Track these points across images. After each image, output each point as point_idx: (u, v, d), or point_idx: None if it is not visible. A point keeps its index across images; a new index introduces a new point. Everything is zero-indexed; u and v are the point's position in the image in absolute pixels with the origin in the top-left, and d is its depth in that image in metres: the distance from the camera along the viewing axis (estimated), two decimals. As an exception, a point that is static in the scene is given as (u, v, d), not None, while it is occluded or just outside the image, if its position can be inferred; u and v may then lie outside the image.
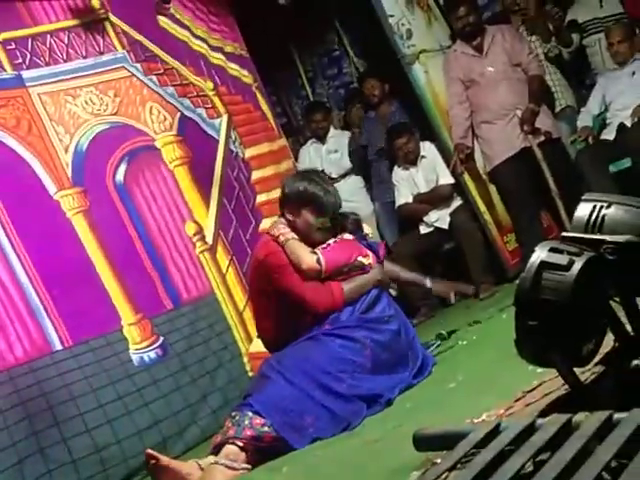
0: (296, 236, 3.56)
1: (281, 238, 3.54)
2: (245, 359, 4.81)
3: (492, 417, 2.41)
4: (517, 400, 2.49)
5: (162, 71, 5.10)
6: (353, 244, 3.69)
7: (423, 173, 5.71)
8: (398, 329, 3.52)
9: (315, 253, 3.53)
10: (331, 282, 3.52)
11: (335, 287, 3.51)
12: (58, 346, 3.99)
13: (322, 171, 3.83)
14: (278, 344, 3.55)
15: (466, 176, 5.51)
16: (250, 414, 3.12)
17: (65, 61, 4.70)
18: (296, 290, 3.49)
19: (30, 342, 3.88)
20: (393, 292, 4.52)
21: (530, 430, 1.86)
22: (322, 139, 6.23)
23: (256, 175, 5.39)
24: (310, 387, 3.23)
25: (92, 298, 4.19)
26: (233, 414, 3.18)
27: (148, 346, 4.36)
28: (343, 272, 3.56)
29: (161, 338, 4.42)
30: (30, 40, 4.61)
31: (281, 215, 3.70)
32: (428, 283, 4.08)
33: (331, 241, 3.63)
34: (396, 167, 5.78)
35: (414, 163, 5.70)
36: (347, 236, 3.71)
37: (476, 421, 2.42)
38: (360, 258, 3.62)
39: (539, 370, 2.51)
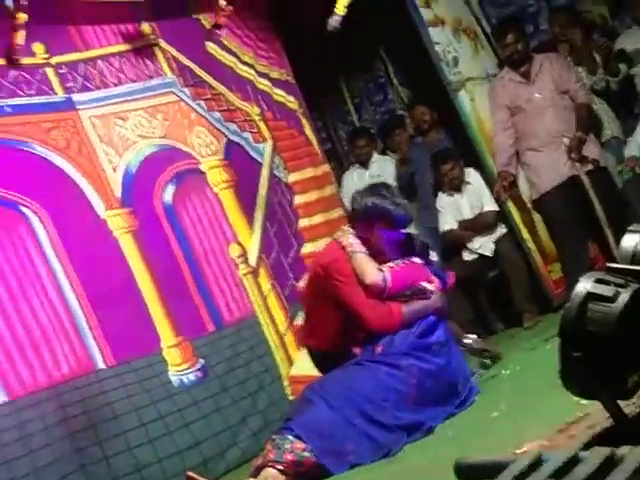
0: (364, 250, 3.57)
1: (349, 249, 3.56)
2: (285, 382, 4.83)
3: (534, 448, 2.38)
4: (560, 431, 2.47)
5: (210, 96, 5.20)
6: (421, 268, 3.70)
7: (468, 200, 5.70)
8: (448, 360, 3.51)
9: (382, 270, 3.53)
10: (391, 302, 3.51)
11: (395, 308, 3.51)
12: (101, 365, 4.06)
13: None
14: (326, 355, 3.59)
15: (510, 204, 5.48)
16: (291, 438, 3.14)
17: (115, 85, 4.82)
18: (355, 304, 3.49)
19: (75, 360, 3.95)
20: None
21: (573, 462, 1.84)
22: (365, 164, 6.26)
23: (299, 200, 5.44)
24: (352, 414, 3.24)
25: (135, 319, 4.25)
26: (274, 437, 3.20)
27: (188, 368, 4.40)
28: (405, 294, 3.56)
29: (201, 361, 4.46)
30: (82, 64, 4.74)
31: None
32: (465, 340, 4.03)
33: (400, 261, 3.64)
34: (440, 193, 5.77)
35: (459, 189, 5.69)
36: (416, 260, 3.72)
37: (518, 451, 2.39)
38: (425, 283, 3.63)
39: (583, 402, 2.47)
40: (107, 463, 3.80)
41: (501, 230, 5.62)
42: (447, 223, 5.72)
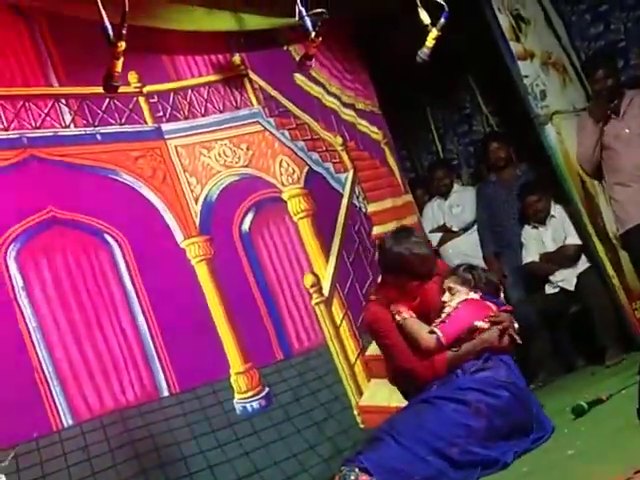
0: (414, 314, 3.62)
1: (397, 318, 3.61)
2: (355, 411, 4.89)
3: None
4: (637, 472, 2.43)
5: (294, 126, 5.33)
6: (476, 305, 3.69)
7: (552, 232, 5.66)
8: (515, 395, 3.49)
9: (434, 332, 3.56)
10: (432, 357, 3.55)
11: (438, 359, 3.54)
12: (165, 392, 4.20)
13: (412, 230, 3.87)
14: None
15: (595, 239, 5.41)
16: (357, 470, 3.21)
17: (203, 115, 4.99)
18: (398, 359, 3.59)
19: (141, 387, 4.11)
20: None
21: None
22: (445, 195, 6.28)
23: (377, 230, 5.50)
24: (424, 452, 3.27)
25: (205, 346, 4.39)
26: (342, 468, 3.29)
27: (252, 396, 4.51)
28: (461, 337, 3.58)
29: (266, 389, 4.56)
30: (172, 94, 4.93)
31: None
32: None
33: (453, 303, 3.66)
34: (526, 226, 5.75)
35: (543, 222, 5.65)
36: (473, 295, 3.71)
37: None
38: (478, 323, 3.62)
39: None
40: (169, 486, 3.96)
41: (584, 264, 5.55)
42: (530, 255, 5.71)
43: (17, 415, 3.66)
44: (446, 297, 3.73)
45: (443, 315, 3.66)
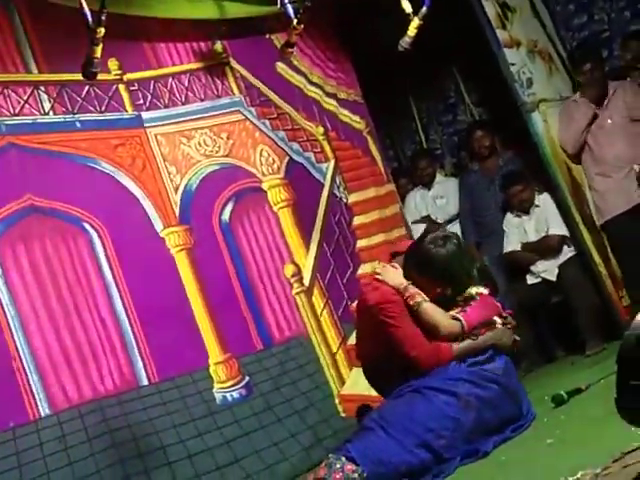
0: (427, 298, 3.52)
1: (412, 302, 3.50)
2: (337, 400, 4.89)
3: (587, 476, 2.39)
4: (615, 461, 2.43)
5: (275, 115, 5.30)
6: (492, 302, 3.67)
7: (535, 222, 5.66)
8: (506, 388, 3.48)
9: (457, 318, 3.51)
10: (440, 342, 3.50)
11: (444, 348, 3.48)
12: (144, 381, 4.19)
13: (454, 235, 3.76)
14: (382, 383, 3.65)
15: (582, 226, 5.42)
16: (344, 459, 3.20)
17: (183, 103, 4.97)
18: (405, 345, 3.47)
19: (119, 376, 4.10)
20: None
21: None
22: (428, 185, 6.27)
23: (358, 220, 5.49)
24: (411, 443, 3.26)
25: (183, 335, 4.38)
26: (330, 456, 3.27)
27: (232, 386, 4.50)
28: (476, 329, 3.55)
29: (246, 378, 4.56)
30: (152, 82, 4.90)
31: (405, 272, 3.61)
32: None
33: (473, 292, 3.61)
34: (508, 214, 5.75)
35: (527, 212, 5.66)
36: (484, 291, 3.67)
37: (571, 479, 2.41)
38: (496, 319, 3.61)
39: None
40: (147, 476, 3.93)
41: (567, 254, 5.56)
42: (511, 244, 5.71)
43: (-7, 404, 3.65)
44: None
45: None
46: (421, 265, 3.57)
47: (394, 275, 3.58)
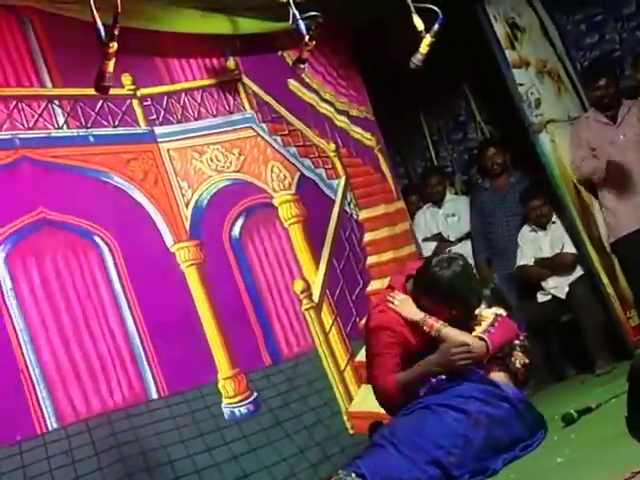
0: (444, 323, 3.54)
1: (432, 333, 3.52)
2: (345, 417, 4.88)
3: None
4: None
5: (287, 132, 5.33)
6: (511, 323, 3.72)
7: (550, 238, 5.68)
8: (517, 409, 3.48)
9: (483, 340, 3.53)
10: (386, 376, 3.54)
11: (389, 382, 3.54)
12: (154, 395, 4.19)
13: (461, 258, 3.77)
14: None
15: (589, 247, 5.42)
16: (353, 475, 3.22)
17: (196, 119, 4.99)
18: (370, 376, 3.58)
19: (129, 389, 4.10)
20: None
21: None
22: (438, 203, 6.28)
23: (368, 237, 5.51)
24: (422, 460, 3.27)
25: (193, 350, 4.37)
26: (339, 472, 3.30)
27: (240, 401, 4.49)
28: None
29: (255, 393, 4.55)
30: (165, 97, 4.93)
31: (414, 296, 3.65)
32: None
33: (491, 314, 3.65)
34: (525, 227, 5.77)
35: (543, 227, 5.67)
36: (503, 312, 3.72)
37: None
38: (518, 342, 3.68)
39: None
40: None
41: (576, 273, 5.56)
42: (524, 258, 5.72)
43: (0, 418, 3.64)
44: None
45: (481, 325, 3.63)
46: (428, 289, 3.61)
47: (412, 309, 3.59)
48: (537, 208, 5.64)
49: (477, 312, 3.72)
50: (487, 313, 3.71)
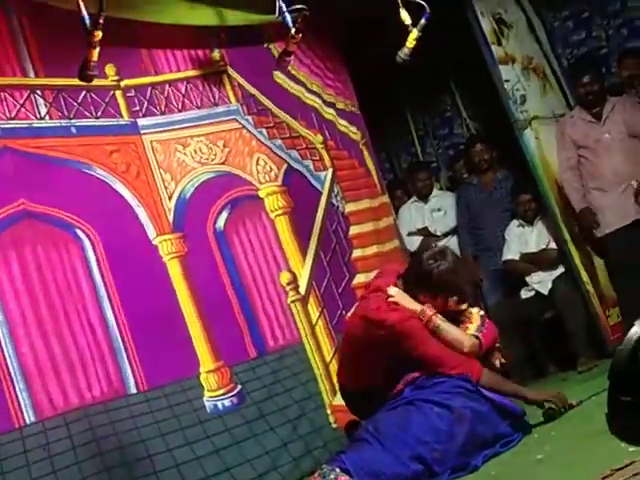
0: (443, 318, 3.59)
1: (430, 325, 3.55)
2: (329, 411, 4.87)
3: None
4: (605, 477, 2.42)
5: (272, 124, 5.29)
6: (493, 324, 3.78)
7: (537, 234, 5.68)
8: (499, 409, 3.48)
9: (477, 337, 3.59)
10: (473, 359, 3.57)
11: (477, 364, 3.56)
12: (133, 389, 4.17)
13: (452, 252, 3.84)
14: (362, 395, 3.65)
15: (571, 245, 5.42)
16: (338, 470, 3.22)
17: (180, 111, 4.95)
18: (436, 358, 3.54)
19: (107, 383, 4.07)
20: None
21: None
22: (425, 198, 6.27)
23: (354, 230, 5.48)
24: (405, 456, 3.28)
25: (174, 343, 4.35)
26: (323, 466, 3.29)
27: (224, 394, 4.48)
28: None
29: (238, 386, 4.54)
30: (149, 88, 4.89)
31: (408, 290, 3.66)
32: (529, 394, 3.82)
33: (477, 314, 3.72)
34: (512, 222, 5.78)
35: (531, 222, 5.67)
36: (482, 312, 3.79)
37: None
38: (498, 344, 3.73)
39: (631, 449, 2.46)
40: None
41: (560, 269, 5.57)
42: (510, 253, 5.72)
43: (-24, 411, 3.63)
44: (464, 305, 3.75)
45: (473, 324, 3.68)
46: (424, 283, 3.64)
47: (409, 300, 3.63)
48: (525, 202, 5.65)
49: (464, 307, 3.75)
50: (474, 312, 3.77)
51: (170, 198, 4.71)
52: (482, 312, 3.81)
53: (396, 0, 4.39)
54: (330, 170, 5.50)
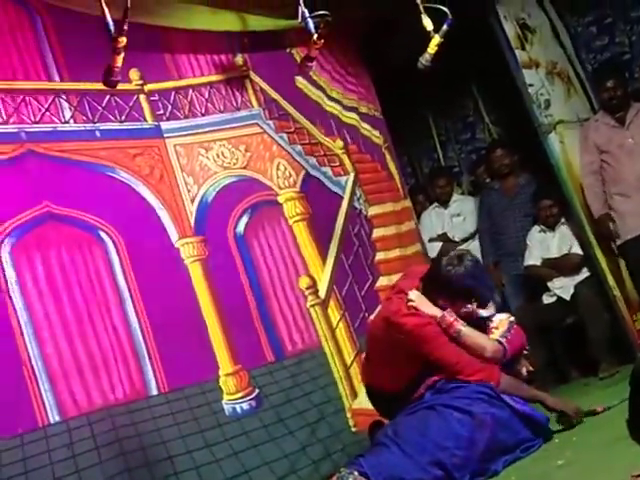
0: (464, 323, 3.58)
1: (451, 331, 3.54)
2: (349, 414, 4.87)
3: None
4: None
5: (293, 129, 5.33)
6: (521, 331, 3.77)
7: (558, 239, 5.67)
8: (519, 415, 3.47)
9: (500, 343, 3.58)
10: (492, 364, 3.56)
11: (495, 370, 3.54)
12: (154, 391, 4.20)
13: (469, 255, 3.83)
14: (388, 397, 3.65)
15: (597, 249, 5.41)
16: (356, 474, 3.22)
17: (203, 115, 4.99)
18: (451, 364, 3.54)
19: (130, 385, 4.11)
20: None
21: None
22: (445, 204, 6.28)
23: (377, 233, 5.50)
24: (425, 461, 3.28)
25: (194, 346, 4.38)
26: (341, 470, 3.30)
27: (242, 397, 4.50)
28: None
29: (256, 390, 4.56)
30: (173, 93, 4.93)
31: (427, 294, 3.66)
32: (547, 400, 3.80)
33: (506, 319, 3.71)
34: (534, 228, 5.77)
35: (552, 228, 5.66)
36: (512, 318, 3.77)
37: None
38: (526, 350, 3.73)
39: None
40: (155, 485, 3.96)
41: (582, 274, 5.55)
42: (532, 258, 5.72)
43: (2, 410, 3.66)
44: (484, 312, 3.75)
45: (499, 329, 3.68)
46: (443, 287, 3.64)
47: (429, 305, 3.63)
48: (547, 208, 5.64)
49: (489, 314, 3.76)
50: (502, 318, 3.76)
51: (192, 201, 4.75)
52: (512, 318, 3.79)
53: (418, 6, 4.40)
54: (352, 174, 5.52)
